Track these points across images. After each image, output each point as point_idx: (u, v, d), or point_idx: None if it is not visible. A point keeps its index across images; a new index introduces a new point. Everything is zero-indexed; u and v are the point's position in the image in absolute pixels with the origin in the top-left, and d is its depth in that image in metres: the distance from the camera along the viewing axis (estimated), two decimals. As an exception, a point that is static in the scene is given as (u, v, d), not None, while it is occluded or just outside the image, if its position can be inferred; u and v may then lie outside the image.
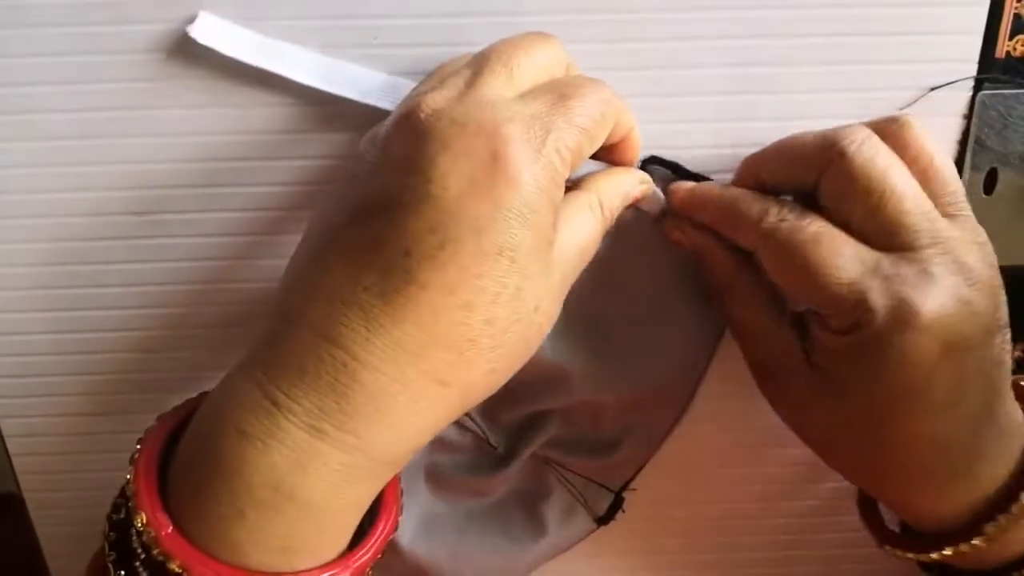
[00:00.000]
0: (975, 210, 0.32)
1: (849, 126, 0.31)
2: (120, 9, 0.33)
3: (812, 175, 0.31)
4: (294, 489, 0.26)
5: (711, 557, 0.44)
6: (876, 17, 0.33)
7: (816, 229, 0.30)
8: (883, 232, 0.30)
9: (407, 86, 0.33)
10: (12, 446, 0.40)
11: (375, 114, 0.33)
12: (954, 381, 0.30)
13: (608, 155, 0.32)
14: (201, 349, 0.39)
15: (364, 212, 0.26)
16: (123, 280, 0.37)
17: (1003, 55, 0.34)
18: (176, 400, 0.36)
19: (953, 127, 0.35)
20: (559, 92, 0.28)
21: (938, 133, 0.35)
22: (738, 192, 0.33)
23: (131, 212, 0.36)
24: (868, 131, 0.31)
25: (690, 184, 0.34)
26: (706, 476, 0.42)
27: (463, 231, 0.25)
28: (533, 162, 0.26)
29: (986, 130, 0.35)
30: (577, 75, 0.31)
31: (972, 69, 0.34)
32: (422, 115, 0.26)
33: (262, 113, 0.34)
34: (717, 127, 0.35)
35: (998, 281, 0.31)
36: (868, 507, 0.38)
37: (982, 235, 0.31)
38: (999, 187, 0.35)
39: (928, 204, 0.30)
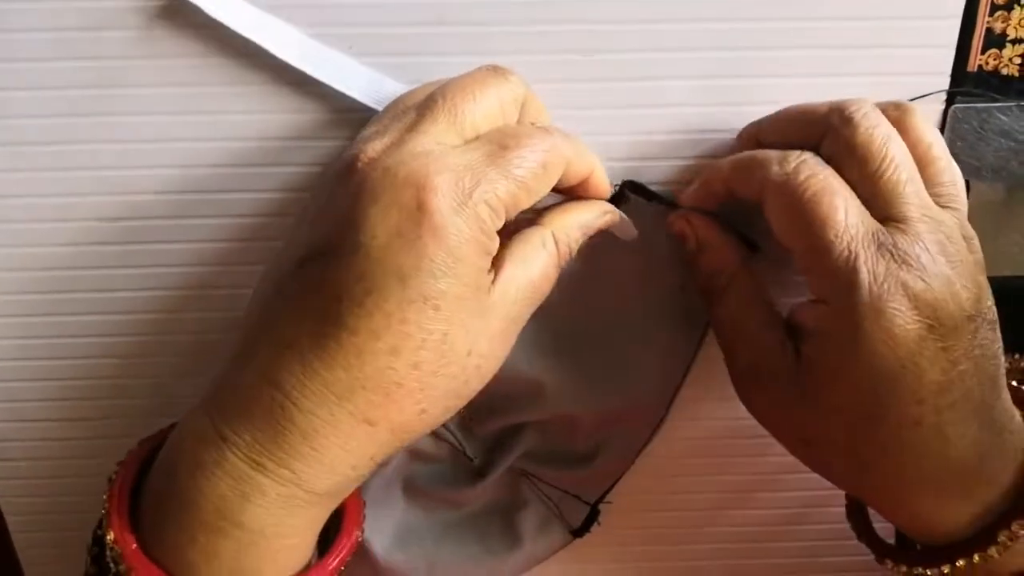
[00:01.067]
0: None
1: (855, 99, 0.31)
2: (94, 15, 0.33)
3: (814, 139, 0.31)
4: (239, 517, 0.28)
5: (687, 564, 0.44)
6: (849, 30, 0.34)
7: (829, 181, 0.30)
8: (879, 200, 0.30)
9: (393, 87, 0.33)
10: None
11: (356, 123, 0.33)
12: (941, 366, 0.29)
13: (574, 193, 0.32)
14: (175, 355, 0.39)
15: (307, 259, 0.28)
16: (95, 286, 0.37)
17: (975, 69, 0.34)
18: (146, 406, 0.36)
19: (926, 140, 0.35)
20: (500, 142, 0.28)
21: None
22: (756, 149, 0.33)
23: (102, 218, 0.36)
24: (873, 104, 0.31)
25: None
26: (682, 487, 0.42)
27: (388, 279, 0.26)
28: (457, 214, 0.27)
29: (959, 143, 0.35)
30: (527, 123, 0.31)
31: (945, 83, 0.34)
32: (359, 164, 0.27)
33: (237, 120, 0.34)
34: (686, 138, 0.35)
35: (983, 276, 0.31)
36: (859, 518, 0.37)
37: (971, 231, 0.31)
38: (972, 200, 0.35)
39: (922, 184, 0.31)
